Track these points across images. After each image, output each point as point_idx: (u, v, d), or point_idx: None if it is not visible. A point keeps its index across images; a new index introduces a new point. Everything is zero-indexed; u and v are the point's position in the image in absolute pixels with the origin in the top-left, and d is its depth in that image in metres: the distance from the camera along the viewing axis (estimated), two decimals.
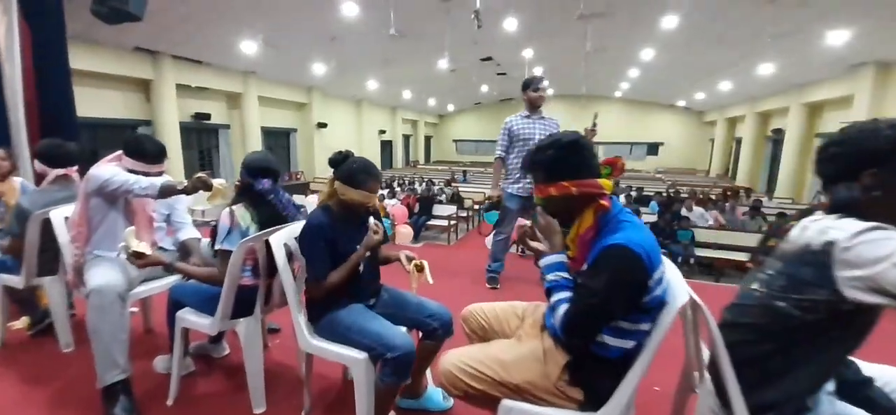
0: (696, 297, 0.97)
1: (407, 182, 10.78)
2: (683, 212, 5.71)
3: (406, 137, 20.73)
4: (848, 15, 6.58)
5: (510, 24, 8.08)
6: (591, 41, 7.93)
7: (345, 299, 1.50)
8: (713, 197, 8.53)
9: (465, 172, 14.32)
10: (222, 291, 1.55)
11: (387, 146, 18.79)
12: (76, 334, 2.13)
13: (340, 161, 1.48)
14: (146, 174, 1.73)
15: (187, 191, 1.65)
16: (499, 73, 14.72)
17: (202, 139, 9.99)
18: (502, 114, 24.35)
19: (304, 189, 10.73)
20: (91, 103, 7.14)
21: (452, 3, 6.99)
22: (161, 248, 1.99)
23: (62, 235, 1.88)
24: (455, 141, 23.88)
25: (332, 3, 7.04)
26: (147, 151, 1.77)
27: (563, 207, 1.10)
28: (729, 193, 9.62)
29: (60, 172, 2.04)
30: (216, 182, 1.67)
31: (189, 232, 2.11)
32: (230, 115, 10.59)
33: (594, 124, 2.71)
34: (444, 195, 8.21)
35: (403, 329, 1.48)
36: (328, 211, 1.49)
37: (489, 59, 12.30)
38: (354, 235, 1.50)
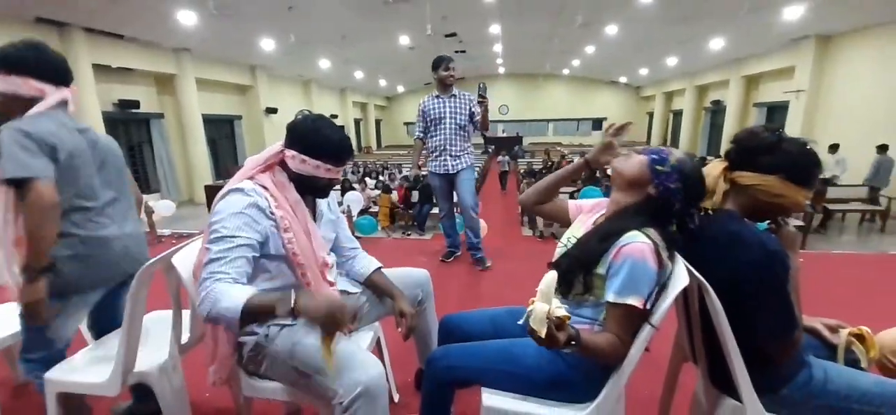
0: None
1: (380, 170, 9.91)
2: None
3: (357, 122, 19.48)
4: None
5: None
6: (581, 15, 7.74)
7: None
8: None
9: None
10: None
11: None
12: None
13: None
14: (328, 183, 1.12)
15: None
16: (458, 51, 14.21)
17: (131, 132, 8.26)
18: None
19: None
20: None
21: None
22: (344, 292, 1.27)
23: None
24: (406, 124, 23.02)
25: None
26: (332, 143, 1.09)
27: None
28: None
29: (64, 92, 1.16)
30: None
31: (368, 261, 1.34)
32: (162, 101, 8.89)
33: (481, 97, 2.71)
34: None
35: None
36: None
37: (454, 34, 11.72)
38: None
